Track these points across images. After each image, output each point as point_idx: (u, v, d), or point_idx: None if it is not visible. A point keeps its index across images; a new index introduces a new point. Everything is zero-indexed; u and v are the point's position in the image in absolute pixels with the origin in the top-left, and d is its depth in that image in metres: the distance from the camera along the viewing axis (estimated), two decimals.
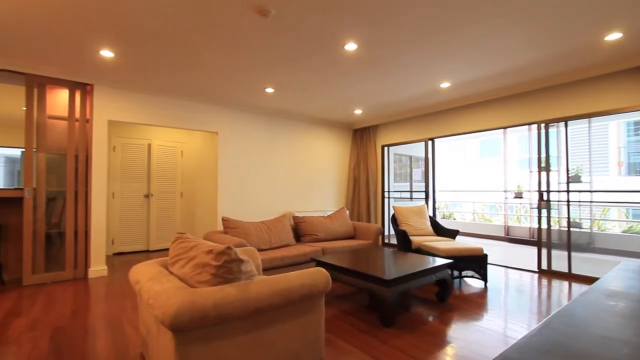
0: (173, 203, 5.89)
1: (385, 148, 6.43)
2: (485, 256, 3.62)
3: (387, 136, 6.34)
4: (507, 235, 7.29)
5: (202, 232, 5.80)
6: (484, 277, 3.63)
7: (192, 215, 6.12)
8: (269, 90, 4.45)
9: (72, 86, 3.95)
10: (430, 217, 4.58)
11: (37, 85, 3.77)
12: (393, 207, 4.62)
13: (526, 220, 7.75)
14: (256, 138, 5.48)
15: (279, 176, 5.76)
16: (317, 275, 1.85)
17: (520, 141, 10.44)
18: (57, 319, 2.71)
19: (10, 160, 7.79)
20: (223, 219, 3.46)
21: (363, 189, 6.51)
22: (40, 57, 3.41)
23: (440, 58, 3.43)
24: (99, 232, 4.05)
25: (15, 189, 3.75)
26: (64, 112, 3.97)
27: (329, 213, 4.93)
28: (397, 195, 6.90)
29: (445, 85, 4.30)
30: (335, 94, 4.70)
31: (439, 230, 4.41)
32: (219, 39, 2.99)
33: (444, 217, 9.38)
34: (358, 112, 5.76)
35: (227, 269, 1.55)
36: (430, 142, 5.61)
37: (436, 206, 5.66)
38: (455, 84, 4.28)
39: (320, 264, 3.12)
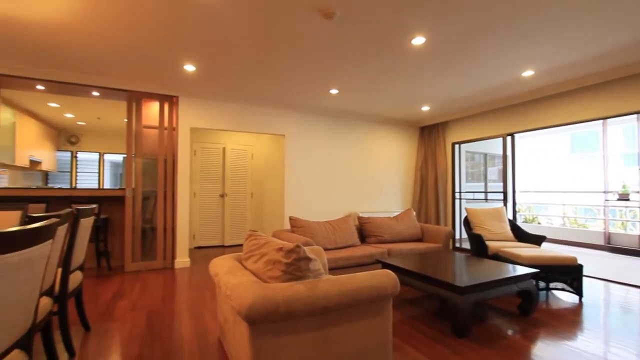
0: (244, 202, 6.31)
1: (456, 146, 6.02)
2: (580, 267, 3.15)
3: (458, 133, 5.93)
4: (608, 243, 6.26)
5: (270, 230, 6.10)
6: (578, 291, 3.16)
7: (261, 214, 6.48)
8: (334, 91, 4.50)
9: (162, 99, 4.49)
10: (509, 220, 4.15)
11: (135, 100, 4.36)
12: (465, 208, 4.29)
13: (634, 227, 6.55)
14: (321, 139, 5.58)
15: (344, 176, 5.78)
16: (385, 278, 1.80)
17: (626, 134, 8.84)
18: (151, 302, 3.09)
19: (114, 165, 9.19)
20: (290, 218, 3.59)
21: (431, 189, 6.18)
22: (137, 76, 3.94)
23: (521, 43, 3.09)
24: (183, 228, 4.53)
25: (119, 189, 4.39)
26: (156, 122, 4.52)
27: (395, 214, 4.79)
28: (470, 196, 6.40)
29: (527, 73, 3.86)
30: (401, 92, 4.55)
31: (520, 235, 3.97)
32: (286, 45, 3.11)
33: (526, 221, 8.43)
34: (425, 108, 5.49)
35: (296, 266, 1.59)
36: (509, 138, 5.09)
37: (516, 209, 5.11)
38: (540, 72, 3.82)
39: (386, 266, 3.04)
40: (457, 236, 5.99)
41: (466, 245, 5.88)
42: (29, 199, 4.00)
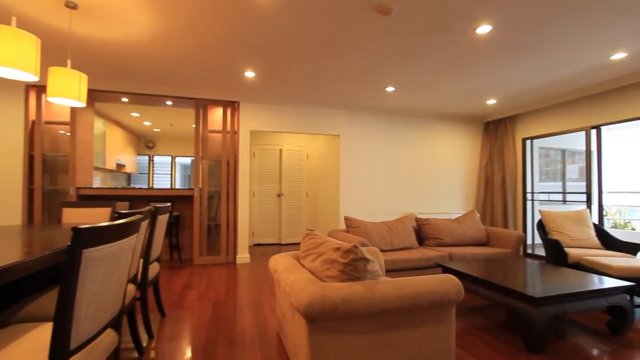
0: (299, 202, 6.46)
1: (527, 141, 5.48)
2: None
3: (530, 127, 5.39)
4: None
5: (325, 229, 6.17)
6: None
7: (316, 214, 6.58)
8: (390, 89, 4.39)
9: (225, 105, 4.80)
10: (594, 225, 3.65)
11: (201, 107, 4.73)
12: (539, 211, 3.88)
13: None
14: (376, 138, 5.49)
15: (400, 176, 5.61)
16: (448, 283, 1.70)
17: None
18: (216, 294, 3.32)
19: (183, 167, 10.09)
20: (345, 218, 3.58)
21: (497, 189, 5.70)
22: (203, 85, 4.27)
23: (612, 21, 2.69)
24: (244, 226, 4.78)
25: (188, 189, 4.79)
26: (219, 126, 4.85)
27: (456, 216, 4.51)
28: (544, 197, 5.78)
29: (618, 56, 3.36)
30: (463, 85, 4.27)
31: (609, 242, 3.47)
32: (341, 47, 3.11)
33: (615, 227, 7.35)
34: (491, 102, 5.09)
35: (353, 266, 1.58)
36: (594, 131, 4.49)
37: (604, 212, 4.47)
38: (634, 53, 3.30)
39: (447, 270, 2.88)
40: (529, 241, 5.45)
41: (540, 251, 5.32)
42: (116, 197, 4.57)
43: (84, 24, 2.76)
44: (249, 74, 3.85)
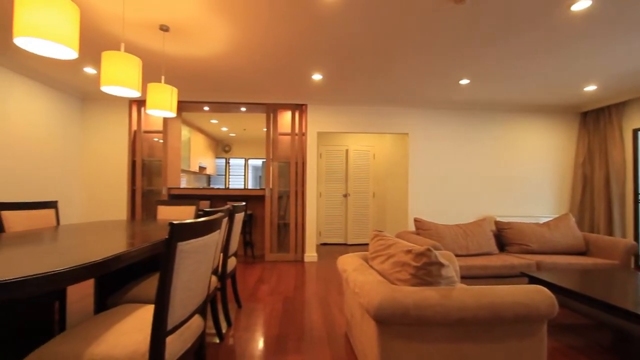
0: (366, 202, 6.40)
1: None
2: None
3: None
4: None
5: (392, 230, 6.00)
6: None
7: (383, 214, 6.44)
8: (464, 82, 4.09)
9: (293, 108, 4.99)
10: None
11: (272, 111, 4.98)
12: None
13: None
14: (448, 136, 5.16)
15: (476, 175, 5.18)
16: (538, 296, 1.51)
17: None
18: (286, 290, 3.46)
19: (254, 168, 10.78)
20: (415, 220, 3.43)
21: (599, 190, 4.91)
22: (274, 90, 4.50)
23: None
24: (311, 225, 4.91)
25: (260, 189, 5.09)
26: (288, 129, 5.06)
27: (544, 220, 4.00)
28: None
29: None
30: (553, 71, 3.77)
31: None
32: (411, 40, 2.99)
33: None
34: (590, 88, 4.39)
35: (426, 271, 1.50)
36: None
37: None
38: None
39: (535, 280, 2.56)
40: None
41: None
42: (199, 196, 5.07)
43: (174, 44, 3.13)
44: (317, 76, 3.94)
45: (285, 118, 5.09)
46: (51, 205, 2.70)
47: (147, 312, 1.36)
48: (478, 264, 3.07)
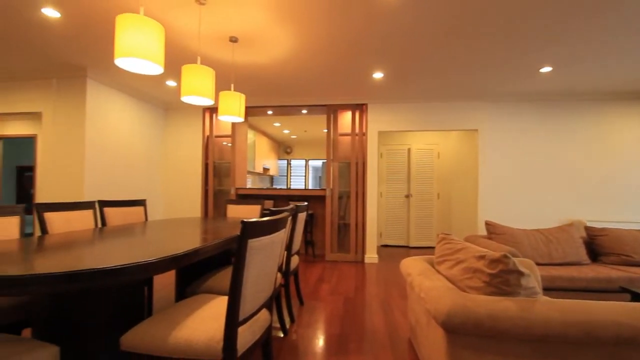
0: (430, 203, 6.10)
1: None
2: None
3: None
4: None
5: (459, 233, 5.63)
6: None
7: (449, 217, 6.07)
8: (545, 69, 3.66)
9: (353, 108, 4.98)
10: None
11: (332, 112, 5.03)
12: None
13: None
14: (523, 130, 4.67)
15: (558, 175, 4.60)
16: None
17: None
18: (346, 290, 3.46)
19: (314, 169, 10.99)
20: (487, 223, 3.17)
21: None
22: (333, 91, 4.54)
23: None
24: (372, 226, 4.84)
25: (320, 189, 5.17)
26: (348, 129, 5.06)
27: None
28: None
29: None
30: None
31: None
32: (478, 29, 2.78)
33: None
34: None
35: (503, 279, 1.37)
36: None
37: None
38: None
39: None
40: None
41: None
42: (263, 196, 5.34)
43: (242, 53, 3.34)
44: (377, 74, 3.88)
45: (345, 118, 5.10)
46: (141, 203, 3.08)
47: (221, 303, 1.47)
48: (564, 274, 2.72)
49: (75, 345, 1.42)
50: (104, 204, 2.69)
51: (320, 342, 2.27)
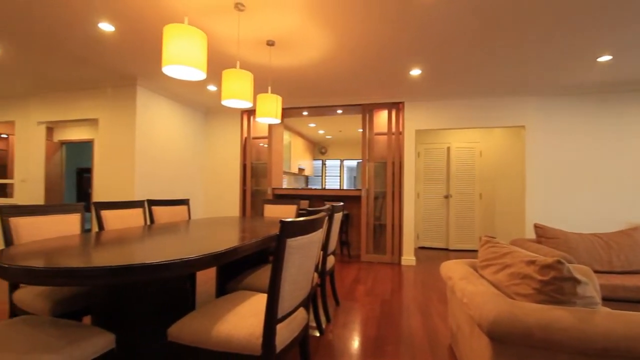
0: (471, 204, 5.82)
1: None
2: None
3: None
4: None
5: (503, 237, 5.31)
6: None
7: (492, 218, 5.75)
8: (604, 58, 3.34)
9: (390, 107, 4.88)
10: None
11: (368, 111, 4.98)
12: None
13: None
14: (577, 126, 4.30)
15: (619, 173, 4.18)
16: None
17: None
18: (383, 292, 3.40)
19: (349, 169, 10.92)
20: (536, 226, 2.95)
21: None
22: (369, 90, 4.48)
23: None
24: (409, 227, 4.71)
25: (356, 189, 5.13)
26: (384, 129, 4.97)
27: None
28: None
29: None
30: None
31: None
32: (525, 18, 2.60)
33: None
34: None
35: (556, 287, 1.27)
36: None
37: None
38: None
39: None
40: None
41: None
42: (299, 196, 5.40)
43: (278, 56, 3.41)
44: (415, 72, 3.77)
45: (381, 117, 5.02)
46: (184, 202, 3.25)
47: (260, 300, 1.50)
48: (628, 283, 2.46)
49: (128, 333, 1.53)
50: (152, 203, 2.87)
51: (356, 343, 2.25)
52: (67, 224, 2.05)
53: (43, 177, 4.82)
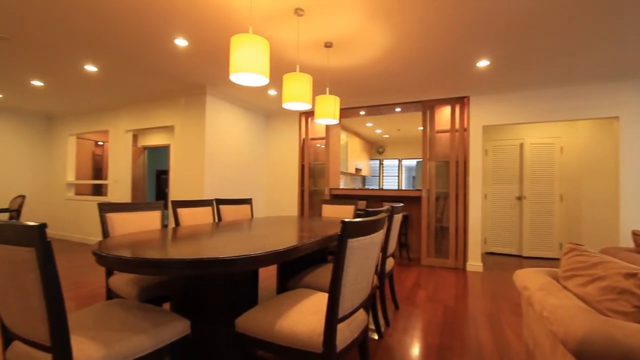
0: (550, 207, 5.21)
1: None
2: None
3: None
4: None
5: (591, 244, 4.66)
6: None
7: (577, 223, 5.08)
8: None
9: (453, 102, 4.61)
10: None
11: (428, 108, 4.76)
12: None
13: None
14: None
15: None
16: None
17: None
18: (445, 298, 3.21)
19: (407, 169, 10.55)
20: (634, 233, 2.53)
21: None
22: (430, 86, 4.28)
23: None
24: (475, 230, 4.39)
25: (416, 189, 4.93)
26: (447, 126, 4.70)
27: None
28: None
29: None
30: None
31: None
32: None
33: None
34: None
35: None
36: None
37: None
38: None
39: None
40: None
41: None
42: (356, 196, 5.37)
43: (336, 57, 3.43)
44: (482, 63, 3.50)
45: (443, 114, 4.76)
46: (248, 201, 3.44)
47: (320, 299, 1.52)
48: None
49: (201, 321, 1.67)
50: (219, 201, 3.09)
51: (417, 349, 2.16)
52: (150, 220, 2.30)
53: (130, 178, 5.49)
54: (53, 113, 6.30)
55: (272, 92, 4.74)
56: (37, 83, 4.46)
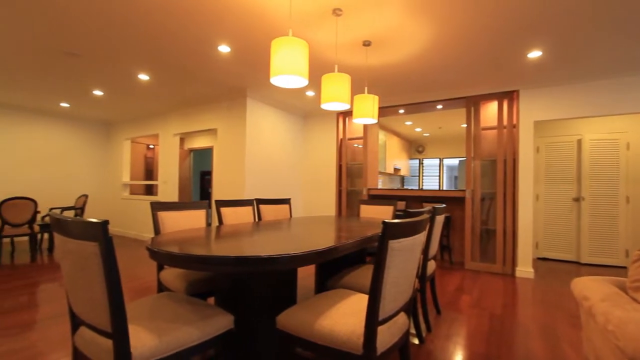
0: (613, 209, 4.72)
1: None
2: None
3: None
4: None
5: None
6: None
7: None
8: None
9: (500, 97, 4.34)
10: None
11: (473, 104, 4.52)
12: None
13: None
14: None
15: None
16: None
17: None
18: (492, 305, 3.03)
19: (449, 168, 10.10)
20: None
21: None
22: (475, 81, 4.06)
23: None
24: (525, 234, 4.09)
25: (459, 190, 4.71)
26: (493, 122, 4.44)
27: None
28: None
29: None
30: None
31: None
32: None
33: None
34: None
35: None
36: None
37: None
38: None
39: None
40: None
41: None
42: (395, 197, 5.25)
43: (374, 55, 3.38)
44: (534, 54, 3.25)
45: (489, 110, 4.50)
46: (286, 201, 3.51)
47: (359, 300, 1.51)
48: None
49: (243, 316, 1.73)
50: (259, 201, 3.19)
51: (460, 357, 2.06)
52: (196, 218, 2.43)
53: (177, 179, 5.84)
54: (110, 119, 6.89)
55: (310, 93, 4.79)
56: (98, 93, 4.90)
